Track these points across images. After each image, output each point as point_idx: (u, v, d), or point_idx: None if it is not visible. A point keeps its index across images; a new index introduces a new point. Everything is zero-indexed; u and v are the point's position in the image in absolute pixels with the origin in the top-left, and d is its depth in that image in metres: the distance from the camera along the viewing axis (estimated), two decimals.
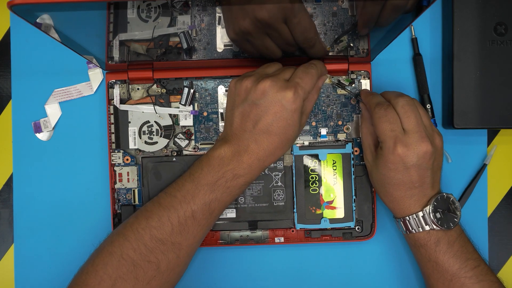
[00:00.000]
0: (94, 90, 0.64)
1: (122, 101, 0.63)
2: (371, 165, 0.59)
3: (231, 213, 0.63)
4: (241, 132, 0.55)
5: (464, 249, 0.56)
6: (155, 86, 0.63)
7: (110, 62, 0.61)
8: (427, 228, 0.56)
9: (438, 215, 0.55)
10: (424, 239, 0.56)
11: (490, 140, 0.65)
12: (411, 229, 0.56)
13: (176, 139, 0.63)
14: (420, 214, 0.56)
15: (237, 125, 0.55)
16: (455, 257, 0.55)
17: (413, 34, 0.64)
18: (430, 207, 0.55)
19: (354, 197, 0.62)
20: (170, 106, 0.63)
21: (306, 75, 0.56)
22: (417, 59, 0.64)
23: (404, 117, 0.55)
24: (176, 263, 0.55)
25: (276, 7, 0.51)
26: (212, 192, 0.54)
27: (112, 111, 0.63)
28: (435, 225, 0.55)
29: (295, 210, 0.62)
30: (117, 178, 0.63)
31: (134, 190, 0.63)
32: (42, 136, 0.64)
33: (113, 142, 0.63)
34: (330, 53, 0.61)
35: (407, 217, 0.56)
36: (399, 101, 0.55)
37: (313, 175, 0.62)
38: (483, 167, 0.64)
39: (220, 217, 0.62)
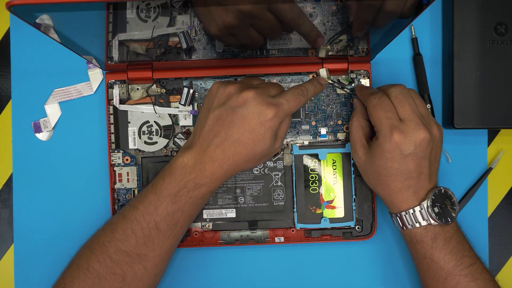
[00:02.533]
0: (94, 90, 0.64)
1: (122, 101, 0.63)
2: (363, 161, 0.57)
3: (231, 213, 0.63)
4: (211, 136, 0.55)
5: (460, 246, 0.55)
6: (154, 86, 0.63)
7: (109, 62, 0.61)
8: (424, 223, 0.55)
9: (436, 209, 0.54)
10: (421, 235, 0.55)
11: (490, 140, 0.65)
12: (407, 224, 0.55)
13: (175, 139, 0.63)
14: (418, 208, 0.55)
15: (209, 128, 0.55)
16: (451, 254, 0.55)
17: (413, 34, 0.64)
18: (429, 201, 0.54)
19: (354, 197, 0.62)
20: (169, 106, 0.63)
21: (295, 100, 0.55)
22: (417, 59, 0.64)
23: (399, 106, 0.54)
24: (143, 274, 0.55)
25: None
26: (174, 203, 0.54)
27: (111, 111, 0.63)
28: (433, 219, 0.54)
29: (295, 210, 0.62)
30: (117, 178, 0.63)
31: (134, 190, 0.63)
32: (42, 136, 0.64)
33: (113, 142, 0.63)
34: (330, 53, 0.61)
35: (404, 212, 0.55)
36: (392, 91, 0.55)
37: (313, 175, 0.62)
38: (488, 170, 0.64)
39: (220, 217, 0.62)
